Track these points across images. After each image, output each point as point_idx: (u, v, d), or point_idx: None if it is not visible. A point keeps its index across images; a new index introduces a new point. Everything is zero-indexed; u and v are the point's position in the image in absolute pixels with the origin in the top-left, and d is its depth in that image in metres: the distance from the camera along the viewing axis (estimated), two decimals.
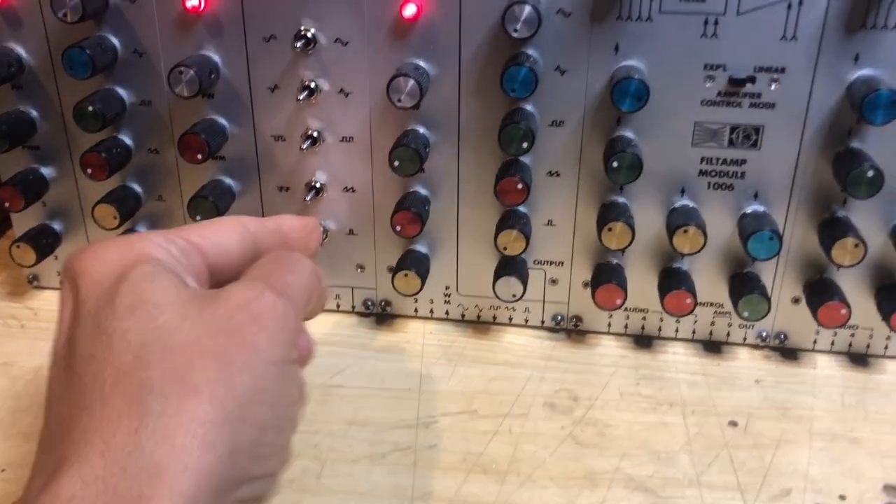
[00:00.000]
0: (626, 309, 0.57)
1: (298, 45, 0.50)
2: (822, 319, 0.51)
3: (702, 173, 0.52)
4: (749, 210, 0.52)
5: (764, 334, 0.56)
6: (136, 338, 0.28)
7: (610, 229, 0.51)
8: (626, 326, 0.58)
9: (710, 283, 0.55)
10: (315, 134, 0.54)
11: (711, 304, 0.56)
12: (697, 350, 0.57)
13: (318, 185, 0.56)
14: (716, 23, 0.47)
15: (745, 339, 0.57)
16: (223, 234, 0.36)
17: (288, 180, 0.56)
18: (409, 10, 0.49)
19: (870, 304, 0.53)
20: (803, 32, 0.46)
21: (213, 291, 0.31)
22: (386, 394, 0.53)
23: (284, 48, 0.51)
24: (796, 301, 0.55)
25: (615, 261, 0.55)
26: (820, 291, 0.52)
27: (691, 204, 0.52)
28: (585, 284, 0.56)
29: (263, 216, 0.55)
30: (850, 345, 0.56)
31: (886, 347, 0.55)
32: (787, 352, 0.57)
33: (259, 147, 0.55)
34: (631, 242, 0.51)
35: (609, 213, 0.52)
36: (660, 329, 0.57)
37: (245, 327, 0.30)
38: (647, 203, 0.53)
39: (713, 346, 0.57)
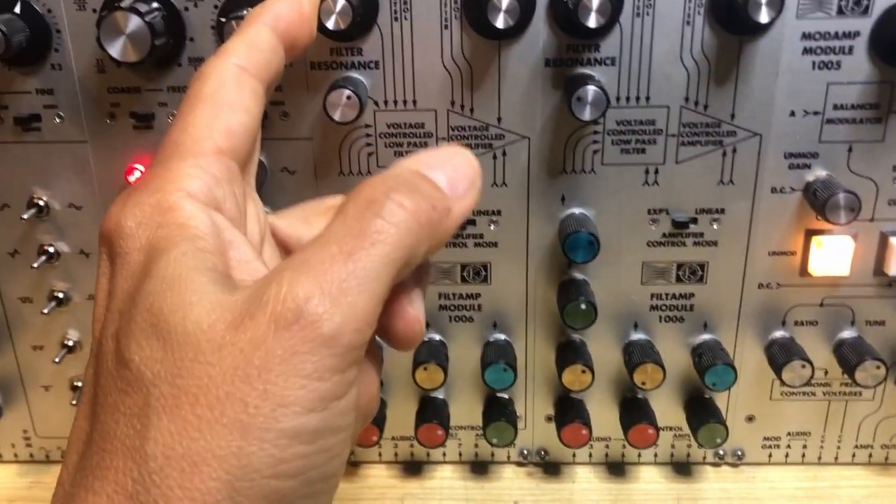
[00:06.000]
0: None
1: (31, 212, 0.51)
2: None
3: (653, 308, 0.54)
4: (700, 341, 0.54)
5: (721, 452, 0.58)
6: (150, 376, 0.25)
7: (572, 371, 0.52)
8: (590, 455, 0.59)
9: (668, 410, 0.56)
10: (60, 295, 0.54)
11: (671, 429, 0.57)
12: (668, 473, 0.58)
13: (70, 343, 0.55)
14: (656, 171, 0.49)
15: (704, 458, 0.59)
16: (237, 111, 0.31)
17: (42, 339, 0.56)
18: (135, 175, 0.50)
19: None
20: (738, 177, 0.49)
21: (251, 296, 0.26)
22: None
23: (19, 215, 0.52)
24: (750, 419, 0.57)
25: (577, 398, 0.56)
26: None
27: (645, 337, 0.54)
28: (549, 419, 0.57)
29: (21, 376, 0.57)
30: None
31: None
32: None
33: (7, 310, 0.55)
34: (592, 383, 0.52)
35: (567, 354, 0.53)
36: (623, 455, 0.59)
37: (273, 368, 0.25)
38: (602, 338, 0.54)
39: (681, 468, 0.59)
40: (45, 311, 0.53)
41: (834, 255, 0.51)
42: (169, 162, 0.29)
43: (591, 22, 0.43)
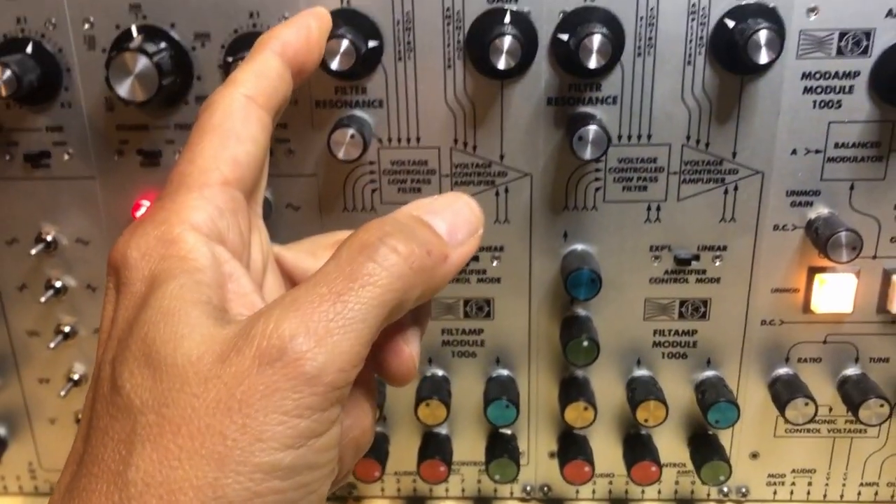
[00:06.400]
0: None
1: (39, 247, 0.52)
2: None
3: (656, 344, 0.54)
4: (703, 377, 0.54)
5: (725, 489, 0.58)
6: (138, 403, 0.26)
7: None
8: (593, 492, 0.58)
9: (672, 446, 0.56)
10: (67, 329, 0.54)
11: (674, 465, 0.57)
12: None
13: (76, 377, 0.55)
14: (658, 209, 0.50)
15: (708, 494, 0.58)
16: (243, 142, 0.31)
17: (48, 372, 0.56)
18: (142, 211, 0.50)
19: None
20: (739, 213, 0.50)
21: (240, 330, 0.26)
22: None
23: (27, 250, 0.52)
24: (754, 456, 0.57)
25: (580, 434, 0.56)
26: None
27: (648, 373, 0.54)
28: (552, 455, 0.57)
29: (27, 409, 0.57)
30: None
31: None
32: None
33: (14, 344, 0.55)
34: (594, 420, 0.52)
35: (570, 390, 0.53)
36: (626, 492, 0.58)
37: (253, 403, 0.25)
38: (605, 374, 0.54)
39: None
40: (52, 345, 0.53)
41: (837, 292, 0.51)
42: (175, 194, 0.30)
43: (592, 63, 0.43)
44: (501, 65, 0.44)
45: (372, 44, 0.46)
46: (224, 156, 0.31)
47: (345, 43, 0.43)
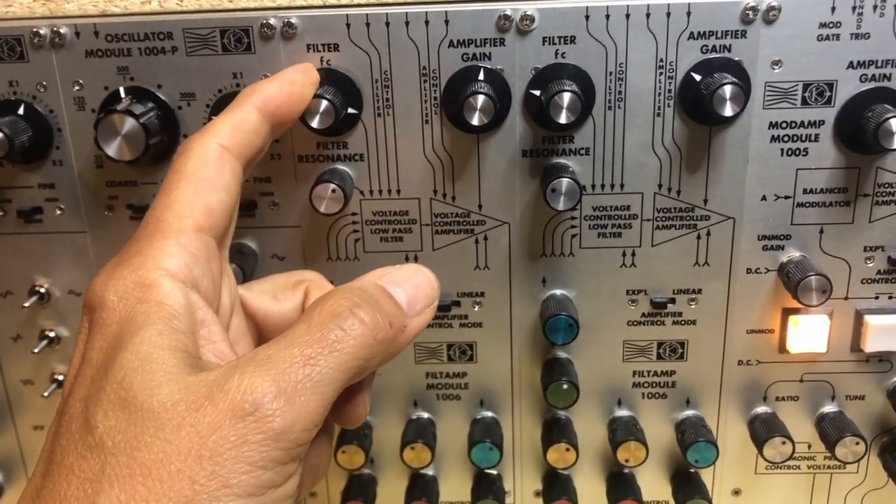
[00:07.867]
0: None
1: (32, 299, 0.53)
2: None
3: (635, 385, 0.55)
4: (683, 416, 0.55)
5: None
6: (110, 445, 0.27)
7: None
8: None
9: (654, 484, 0.57)
10: (60, 377, 0.55)
11: (657, 503, 0.58)
12: None
13: None
14: (633, 254, 0.51)
15: None
16: (217, 190, 0.33)
17: (43, 420, 0.57)
18: None
19: None
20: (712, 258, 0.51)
21: (215, 381, 0.28)
22: None
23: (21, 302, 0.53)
24: (736, 493, 0.57)
25: (564, 473, 0.57)
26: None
27: (629, 414, 0.55)
28: (537, 493, 0.58)
29: (22, 455, 0.58)
30: None
31: None
32: None
33: (9, 392, 0.56)
34: (576, 461, 0.53)
35: (553, 432, 0.54)
36: None
37: (224, 452, 0.27)
38: (587, 414, 0.55)
39: None
40: (46, 393, 0.55)
41: (810, 333, 0.52)
42: (152, 238, 0.32)
43: (562, 119, 0.45)
44: (475, 121, 0.45)
45: (351, 102, 0.47)
46: (198, 203, 0.33)
47: (324, 103, 0.45)
